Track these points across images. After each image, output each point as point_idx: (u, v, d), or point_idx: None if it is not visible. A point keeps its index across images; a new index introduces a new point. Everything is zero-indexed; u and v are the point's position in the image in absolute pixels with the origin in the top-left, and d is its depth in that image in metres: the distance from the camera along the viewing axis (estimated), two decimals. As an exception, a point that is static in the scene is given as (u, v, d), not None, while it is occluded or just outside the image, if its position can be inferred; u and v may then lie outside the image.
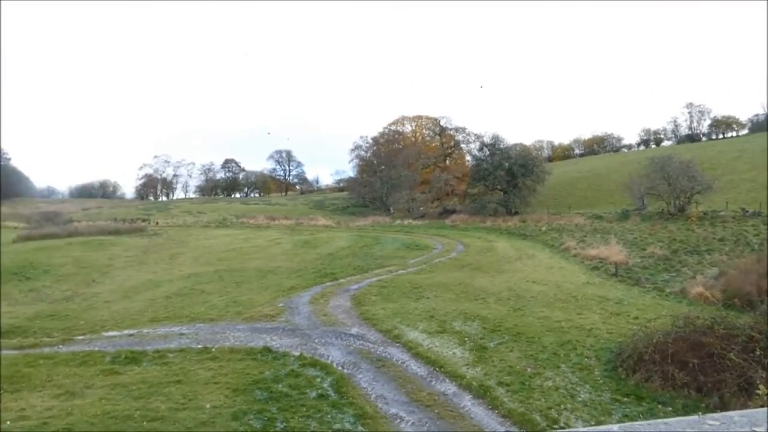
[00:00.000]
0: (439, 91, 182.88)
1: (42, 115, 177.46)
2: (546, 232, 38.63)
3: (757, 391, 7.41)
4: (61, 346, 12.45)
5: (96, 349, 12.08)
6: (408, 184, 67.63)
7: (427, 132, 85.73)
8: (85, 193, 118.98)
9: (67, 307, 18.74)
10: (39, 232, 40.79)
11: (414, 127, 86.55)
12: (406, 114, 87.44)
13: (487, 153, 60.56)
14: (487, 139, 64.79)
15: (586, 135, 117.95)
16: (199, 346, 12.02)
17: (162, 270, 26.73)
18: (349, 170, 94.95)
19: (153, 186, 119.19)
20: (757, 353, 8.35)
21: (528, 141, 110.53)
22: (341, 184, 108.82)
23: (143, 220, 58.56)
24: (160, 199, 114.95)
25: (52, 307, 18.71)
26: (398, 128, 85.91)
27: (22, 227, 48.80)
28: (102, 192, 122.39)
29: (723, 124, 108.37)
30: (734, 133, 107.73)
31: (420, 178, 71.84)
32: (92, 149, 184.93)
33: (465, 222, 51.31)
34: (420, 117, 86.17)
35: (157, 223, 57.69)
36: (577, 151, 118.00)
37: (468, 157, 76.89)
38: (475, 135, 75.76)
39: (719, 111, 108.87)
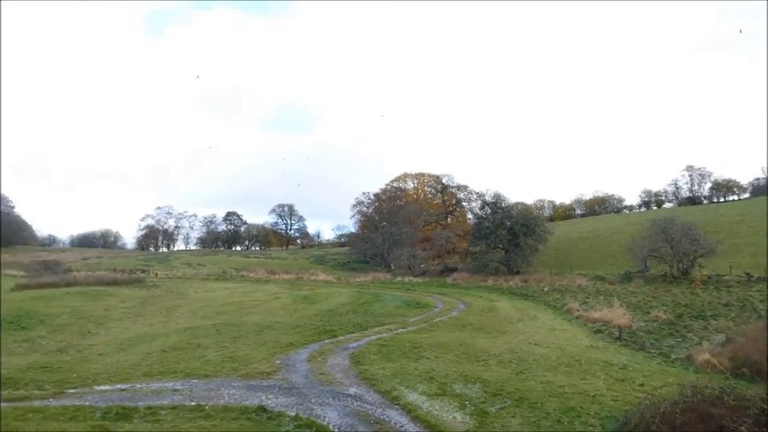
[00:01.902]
0: (441, 149, 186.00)
1: (47, 164, 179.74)
2: (548, 293, 38.31)
3: (772, 468, 7.13)
4: (51, 400, 12.07)
5: (87, 403, 11.70)
6: (409, 240, 67.53)
7: (429, 189, 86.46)
8: (86, 242, 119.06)
9: (61, 358, 18.34)
10: (37, 281, 40.46)
11: (416, 185, 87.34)
12: (409, 171, 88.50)
13: (489, 211, 60.88)
14: (488, 198, 65.38)
15: (588, 195, 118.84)
16: (193, 404, 11.64)
17: (159, 322, 26.34)
18: (350, 226, 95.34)
19: (154, 237, 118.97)
20: (770, 426, 8.07)
21: (529, 200, 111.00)
22: (342, 240, 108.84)
23: (142, 271, 58.15)
24: (160, 250, 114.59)
25: (46, 359, 18.31)
26: (400, 185, 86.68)
27: (20, 276, 48.52)
28: (103, 242, 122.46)
29: (724, 188, 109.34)
30: (736, 197, 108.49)
31: (421, 235, 71.84)
32: (95, 199, 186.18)
33: (466, 280, 50.98)
34: (422, 174, 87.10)
35: (156, 274, 57.27)
36: (578, 211, 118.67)
37: (469, 215, 77.34)
38: (477, 193, 76.47)
39: (720, 174, 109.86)
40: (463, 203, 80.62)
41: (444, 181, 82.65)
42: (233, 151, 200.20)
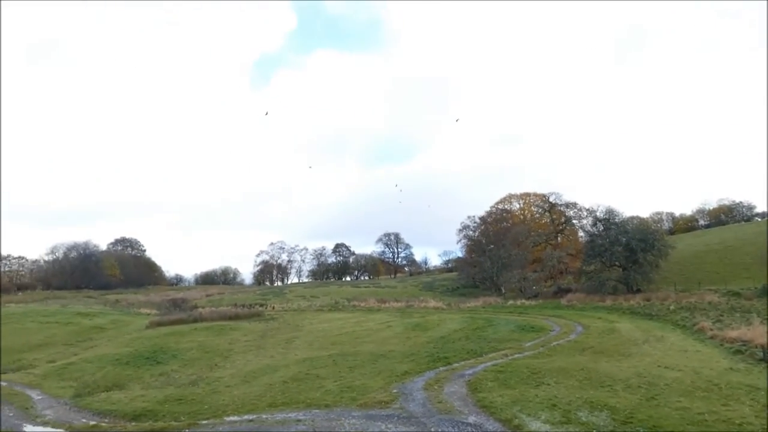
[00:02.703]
0: (547, 168, 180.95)
1: (171, 214, 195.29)
2: (675, 311, 35.71)
3: None
4: (187, 431, 12.92)
5: (219, 434, 12.40)
6: (519, 262, 65.81)
7: (536, 209, 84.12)
8: (208, 280, 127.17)
9: (193, 391, 19.64)
10: (168, 318, 43.91)
11: (522, 205, 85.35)
12: (513, 192, 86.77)
13: (602, 228, 58.25)
14: (600, 214, 62.59)
15: (712, 204, 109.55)
16: (315, 434, 11.96)
17: (278, 354, 27.46)
18: (457, 250, 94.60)
19: (269, 271, 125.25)
20: None
21: (645, 213, 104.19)
22: (450, 265, 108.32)
23: (260, 305, 60.95)
24: (275, 284, 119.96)
25: (180, 391, 19.69)
26: (506, 206, 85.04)
27: (153, 314, 52.69)
28: (223, 278, 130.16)
29: None
30: None
31: (531, 256, 69.75)
32: (216, 239, 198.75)
33: (582, 301, 48.72)
34: (527, 194, 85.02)
35: (273, 307, 59.67)
36: (701, 222, 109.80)
37: (581, 233, 74.26)
38: (587, 210, 73.38)
39: None
40: (573, 221, 77.58)
41: (551, 199, 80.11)
42: (339, 183, 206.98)
